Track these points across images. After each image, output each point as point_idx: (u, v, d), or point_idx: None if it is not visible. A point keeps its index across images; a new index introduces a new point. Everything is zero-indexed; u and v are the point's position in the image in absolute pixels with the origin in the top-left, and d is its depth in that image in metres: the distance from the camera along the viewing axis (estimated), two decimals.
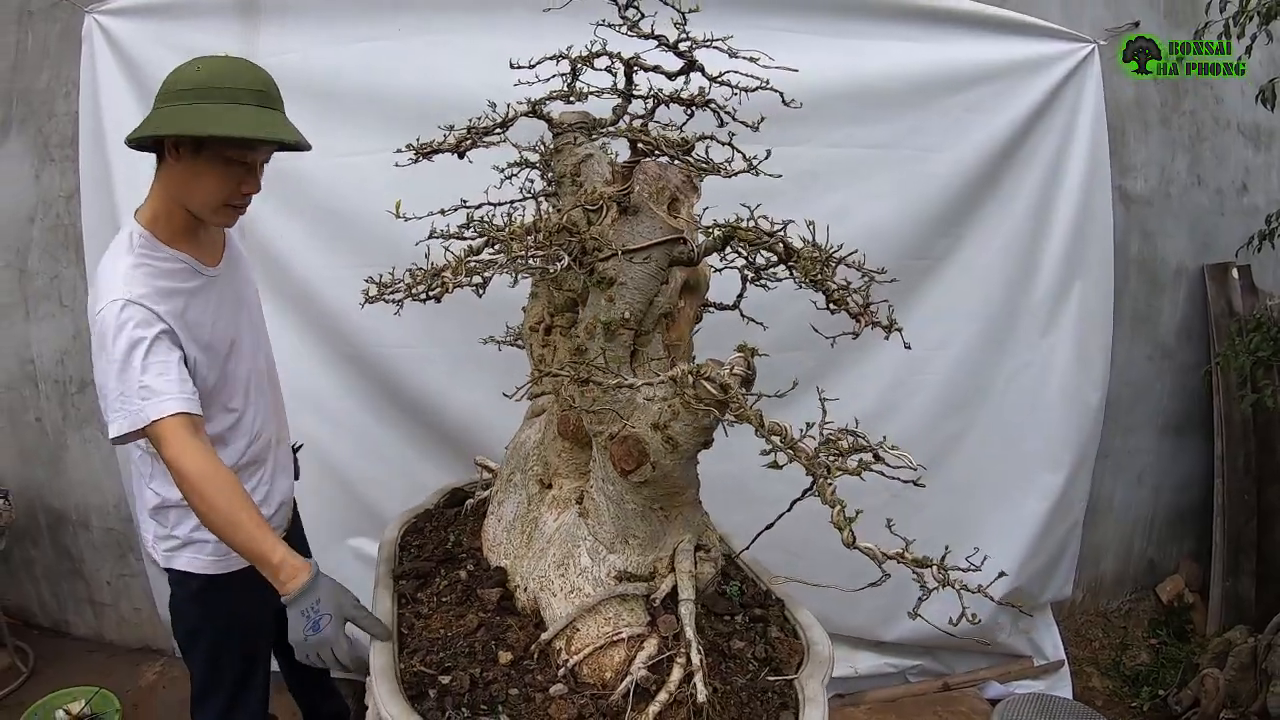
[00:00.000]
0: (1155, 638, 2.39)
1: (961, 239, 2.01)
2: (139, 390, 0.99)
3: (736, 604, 1.07)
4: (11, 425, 2.07)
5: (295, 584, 0.95)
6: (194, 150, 1.04)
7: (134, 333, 1.00)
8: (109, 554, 2.11)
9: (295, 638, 0.95)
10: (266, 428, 1.27)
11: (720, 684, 0.92)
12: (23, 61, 1.91)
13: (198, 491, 0.98)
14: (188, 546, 1.21)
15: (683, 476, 0.90)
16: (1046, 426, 2.09)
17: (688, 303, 0.91)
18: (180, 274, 1.11)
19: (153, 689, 2.02)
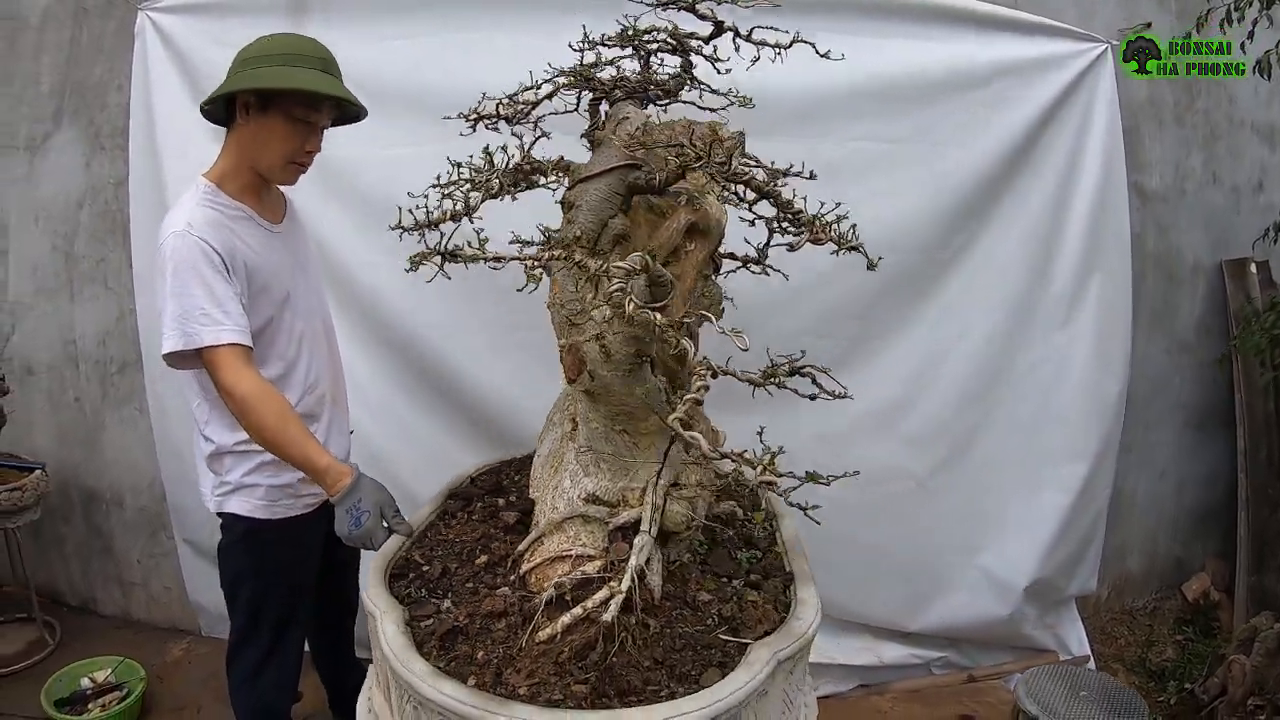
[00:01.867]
0: (1181, 634, 2.38)
1: (980, 232, 2.06)
2: (199, 315, 1.08)
3: (741, 569, 1.06)
4: (51, 405, 2.14)
5: (341, 485, 1.08)
6: (262, 110, 1.14)
7: (195, 262, 1.09)
8: (140, 532, 2.16)
9: (340, 530, 1.08)
10: (321, 383, 1.34)
11: (659, 625, 0.90)
12: (77, 56, 2.03)
13: (250, 409, 1.08)
14: (239, 491, 1.27)
15: (627, 392, 0.90)
16: (1067, 417, 2.11)
17: (697, 245, 0.95)
18: (243, 223, 1.20)
19: (179, 664, 2.05)
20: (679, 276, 0.94)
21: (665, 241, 0.93)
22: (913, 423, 2.02)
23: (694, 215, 0.93)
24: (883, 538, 2.01)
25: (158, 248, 1.14)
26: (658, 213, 0.94)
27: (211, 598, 2.11)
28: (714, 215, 0.96)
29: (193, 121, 1.83)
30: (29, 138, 2.08)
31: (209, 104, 1.20)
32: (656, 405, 0.90)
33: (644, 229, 0.94)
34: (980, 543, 2.09)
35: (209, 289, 1.09)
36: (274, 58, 1.13)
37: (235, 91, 1.14)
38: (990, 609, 2.09)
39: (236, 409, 1.10)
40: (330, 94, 1.14)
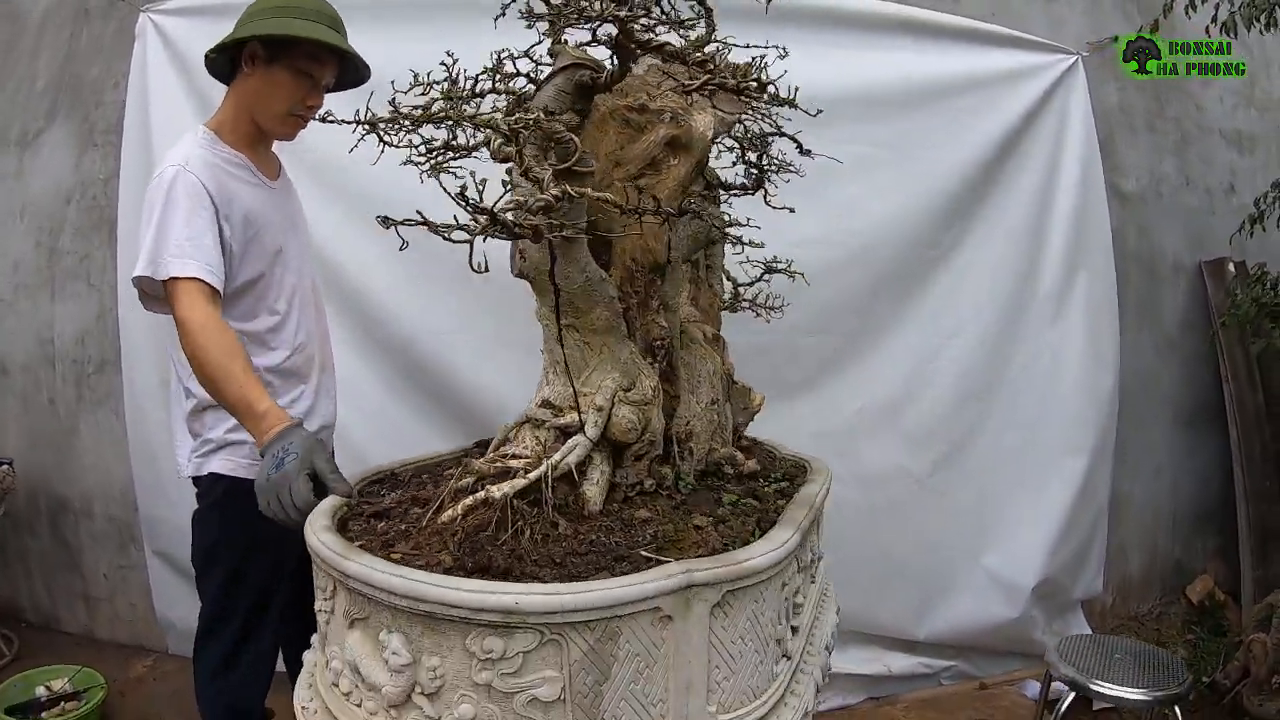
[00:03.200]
0: (1191, 634, 2.35)
1: (967, 231, 2.13)
2: (172, 245, 1.08)
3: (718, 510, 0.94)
4: (24, 407, 2.08)
5: (274, 430, 1.00)
6: (268, 61, 1.17)
7: (181, 197, 1.10)
8: (110, 544, 2.07)
9: (259, 481, 0.97)
10: (310, 343, 1.32)
11: (572, 530, 0.80)
12: (75, 54, 2.06)
13: (196, 341, 1.05)
14: (222, 449, 1.24)
15: (561, 276, 0.86)
16: (1064, 412, 2.14)
17: (680, 160, 0.95)
18: (239, 170, 1.21)
19: (142, 681, 1.94)
20: (656, 186, 0.93)
21: (640, 154, 0.93)
22: (911, 420, 2.03)
23: (676, 130, 0.94)
24: (886, 541, 1.99)
25: (152, 179, 1.14)
26: (635, 127, 0.95)
27: (181, 613, 2.02)
28: (698, 130, 0.95)
29: (188, 120, 1.88)
30: (21, 134, 2.09)
31: (215, 53, 1.22)
32: (599, 296, 0.87)
33: (613, 139, 0.93)
34: (985, 543, 2.07)
35: (189, 226, 1.10)
36: (283, 9, 1.16)
37: (244, 39, 1.17)
38: (999, 612, 2.06)
39: (185, 339, 1.07)
40: (337, 46, 1.18)
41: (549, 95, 0.87)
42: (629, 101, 0.98)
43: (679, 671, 0.73)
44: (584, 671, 0.69)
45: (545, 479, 0.80)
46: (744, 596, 0.76)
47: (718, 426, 1.09)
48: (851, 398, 1.97)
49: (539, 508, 0.80)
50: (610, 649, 0.69)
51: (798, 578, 0.94)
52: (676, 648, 0.72)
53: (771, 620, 0.82)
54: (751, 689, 0.80)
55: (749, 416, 1.29)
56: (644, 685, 0.72)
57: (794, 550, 0.85)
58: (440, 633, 0.69)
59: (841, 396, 1.97)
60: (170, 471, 1.89)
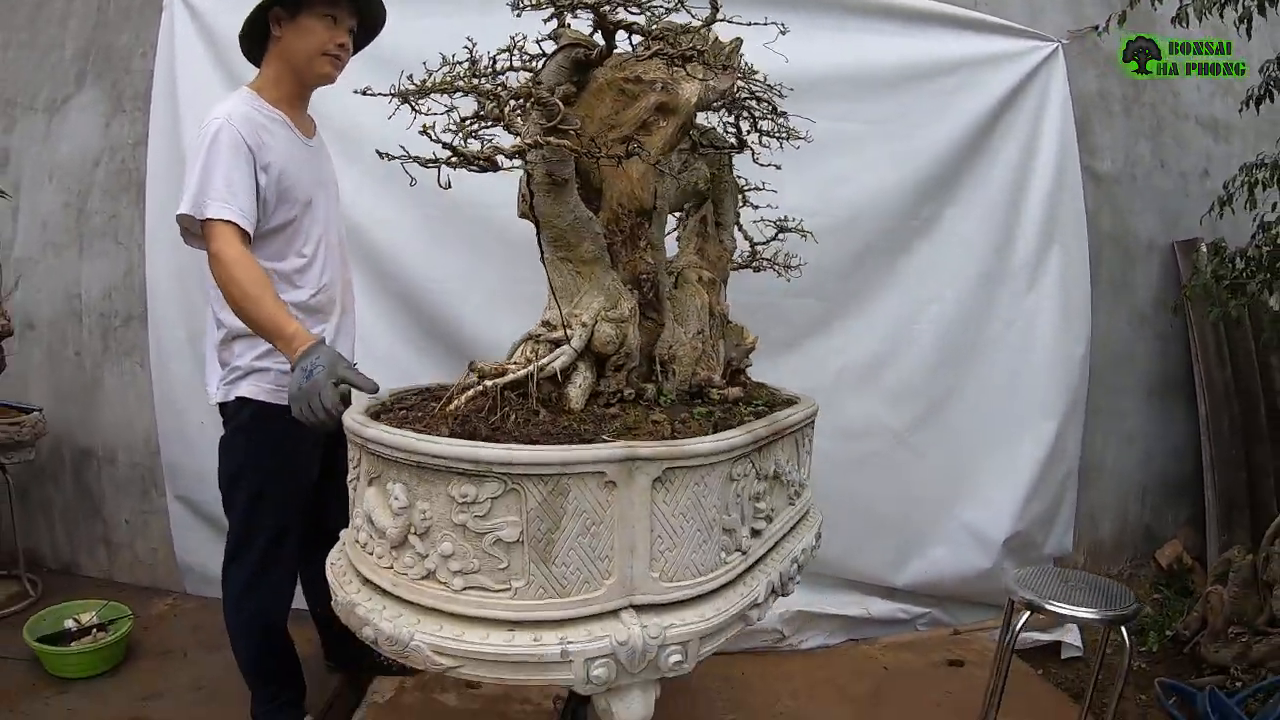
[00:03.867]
0: (1158, 594, 2.51)
1: (947, 204, 2.28)
2: (213, 190, 1.25)
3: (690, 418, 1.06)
4: (50, 361, 2.21)
5: (303, 347, 1.15)
6: (292, 17, 1.34)
7: (224, 147, 1.27)
8: (132, 490, 2.21)
9: (292, 390, 1.12)
10: (333, 286, 1.47)
11: (550, 418, 0.94)
12: (104, 22, 2.20)
13: (229, 273, 1.22)
14: (250, 375, 1.39)
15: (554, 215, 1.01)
16: (1036, 377, 2.29)
17: (668, 122, 1.09)
18: (278, 126, 1.38)
19: (164, 617, 2.08)
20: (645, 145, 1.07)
21: (633, 118, 1.08)
22: (891, 380, 2.19)
23: (665, 97, 1.09)
24: (866, 492, 2.14)
25: (200, 129, 1.31)
26: (630, 95, 1.10)
27: (200, 557, 2.16)
28: (684, 96, 1.10)
29: (214, 88, 2.02)
30: (49, 100, 2.22)
31: (247, 30, 1.39)
32: (586, 232, 1.03)
33: (609, 105, 1.09)
34: (959, 497, 2.23)
35: (228, 174, 1.26)
36: None
37: (267, 6, 1.34)
38: (972, 562, 2.21)
39: (219, 272, 1.23)
40: None
41: (551, 70, 1.04)
42: (625, 74, 1.14)
43: (623, 533, 0.86)
44: (539, 519, 0.82)
45: (531, 376, 0.96)
46: (685, 477, 0.87)
47: (702, 354, 1.23)
48: (835, 357, 2.13)
49: (526, 400, 0.95)
50: (560, 503, 0.83)
51: (758, 483, 1.05)
52: (621, 512, 0.85)
53: (716, 508, 0.93)
54: (695, 565, 0.91)
55: (743, 353, 1.43)
56: (591, 540, 0.85)
57: (741, 448, 0.95)
58: (429, 481, 0.84)
59: (825, 356, 2.12)
60: (193, 419, 2.04)
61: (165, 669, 1.84)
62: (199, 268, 1.97)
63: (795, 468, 1.25)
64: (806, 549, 1.24)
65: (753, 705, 1.81)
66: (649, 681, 0.90)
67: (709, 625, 0.90)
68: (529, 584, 0.84)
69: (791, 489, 1.23)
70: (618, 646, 0.84)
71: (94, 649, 1.81)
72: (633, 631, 0.85)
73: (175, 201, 2.04)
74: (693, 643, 0.89)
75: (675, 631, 0.87)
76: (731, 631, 0.97)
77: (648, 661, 0.86)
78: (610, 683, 0.86)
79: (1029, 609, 1.50)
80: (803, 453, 1.30)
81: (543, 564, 0.84)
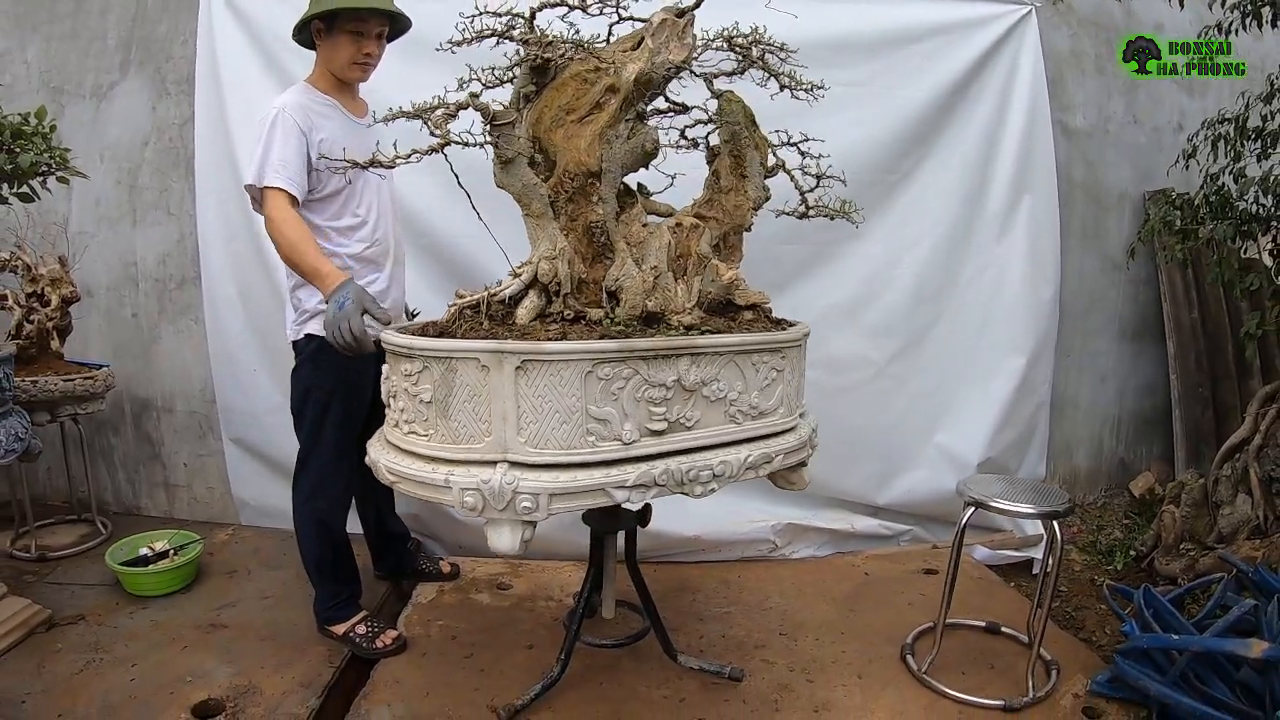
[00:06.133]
0: (1128, 520, 2.85)
1: (925, 158, 2.60)
2: (270, 162, 1.63)
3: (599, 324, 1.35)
4: (109, 322, 2.58)
5: (335, 284, 1.52)
6: (328, 31, 1.70)
7: (281, 130, 1.64)
8: (190, 435, 2.58)
9: (327, 317, 1.49)
10: (385, 239, 1.83)
11: (491, 328, 1.30)
12: (142, 15, 2.53)
13: (279, 229, 1.60)
14: (315, 316, 1.75)
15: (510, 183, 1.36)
16: (1007, 317, 2.62)
17: (613, 99, 1.42)
18: (329, 110, 1.74)
19: (226, 544, 2.46)
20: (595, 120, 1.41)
21: (588, 101, 1.43)
22: (872, 317, 2.53)
23: (612, 79, 1.42)
24: (851, 419, 2.49)
25: (260, 117, 1.68)
26: (590, 82, 1.44)
27: (253, 491, 2.54)
28: (625, 76, 1.42)
29: (254, 72, 2.36)
30: (95, 86, 2.56)
31: (299, 32, 1.75)
32: (532, 195, 1.37)
33: (570, 93, 1.44)
34: (936, 424, 2.58)
35: (282, 151, 1.62)
36: None
37: (307, 20, 1.70)
38: (948, 483, 2.54)
39: (270, 229, 1.61)
40: (371, 7, 1.66)
41: (521, 75, 1.44)
42: (588, 66, 1.48)
43: (496, 404, 1.17)
44: (440, 388, 1.22)
45: (483, 300, 1.36)
46: (540, 369, 1.16)
47: (653, 287, 1.44)
48: (820, 296, 2.47)
49: (480, 315, 1.35)
50: (452, 378, 1.20)
51: (652, 390, 1.26)
52: (493, 388, 1.17)
53: (575, 395, 1.18)
54: (559, 440, 1.18)
55: (721, 288, 1.72)
56: (474, 405, 1.19)
57: (592, 353, 1.19)
58: (395, 361, 1.30)
59: (812, 295, 2.45)
60: (245, 365, 2.42)
61: (233, 584, 2.21)
62: (246, 232, 2.35)
63: (740, 390, 1.40)
64: (734, 463, 1.37)
65: (746, 602, 2.17)
66: (515, 521, 1.19)
67: (559, 486, 1.17)
68: (437, 432, 1.23)
69: (733, 408, 1.40)
70: (482, 484, 1.17)
71: (171, 568, 2.17)
72: (495, 476, 1.17)
73: (223, 173, 2.41)
74: (542, 496, 1.16)
75: (526, 484, 1.17)
76: (589, 500, 1.20)
77: (506, 502, 1.16)
78: (478, 509, 1.18)
79: (975, 505, 1.84)
80: (757, 378, 1.42)
81: (444, 419, 1.22)
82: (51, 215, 2.52)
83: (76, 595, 2.13)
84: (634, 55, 1.48)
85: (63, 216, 2.59)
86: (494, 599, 2.15)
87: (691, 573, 2.33)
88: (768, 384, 1.46)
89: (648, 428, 1.28)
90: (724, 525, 2.39)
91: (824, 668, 1.86)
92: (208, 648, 1.87)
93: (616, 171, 1.53)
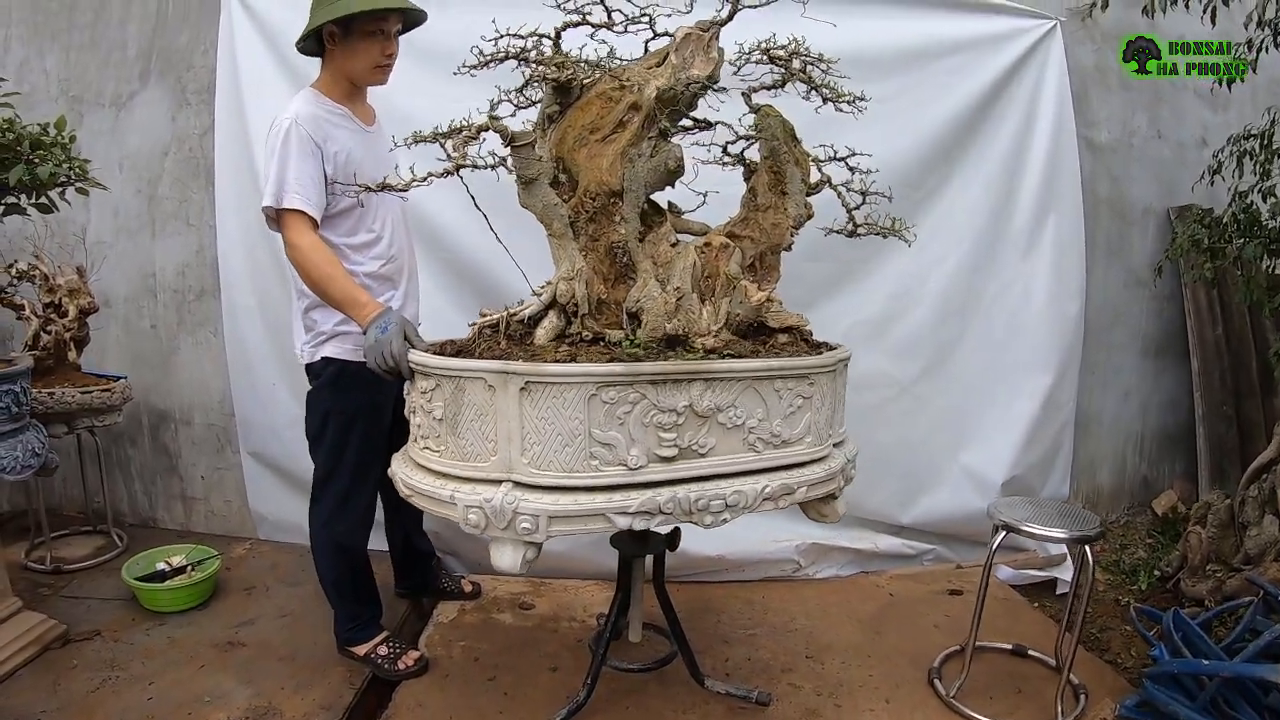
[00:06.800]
0: (1151, 539, 2.83)
1: (950, 175, 2.58)
2: (287, 181, 1.56)
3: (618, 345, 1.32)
4: (127, 333, 2.57)
5: (375, 313, 1.48)
6: (344, 33, 1.62)
7: (294, 144, 1.57)
8: (207, 448, 2.57)
9: (367, 344, 1.45)
10: (400, 255, 1.79)
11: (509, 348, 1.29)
12: (163, 24, 2.52)
13: (304, 255, 1.54)
14: (333, 339, 1.71)
15: (532, 203, 1.35)
16: (1032, 334, 2.60)
17: (635, 118, 1.41)
18: (340, 119, 1.67)
19: (243, 559, 2.44)
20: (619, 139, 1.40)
21: (612, 119, 1.42)
22: (897, 335, 2.51)
23: (635, 97, 1.41)
24: (875, 436, 2.46)
25: (271, 129, 1.60)
26: (614, 100, 1.42)
27: (271, 506, 2.53)
28: (646, 94, 1.41)
29: (275, 82, 2.35)
30: (115, 96, 2.55)
31: (303, 40, 1.67)
32: (553, 216, 1.36)
33: (594, 112, 1.43)
34: (960, 443, 2.56)
35: (299, 170, 1.55)
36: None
37: (320, 25, 1.59)
38: (972, 503, 2.53)
39: (294, 257, 1.55)
40: (391, 8, 1.60)
41: (546, 93, 1.44)
42: (613, 84, 1.47)
43: (502, 424, 1.18)
44: (451, 405, 1.24)
45: (503, 320, 1.36)
46: (544, 390, 1.15)
47: (675, 308, 1.38)
48: (846, 314, 2.45)
49: (498, 335, 1.35)
50: (460, 397, 1.22)
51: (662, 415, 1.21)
52: (499, 408, 1.17)
53: (578, 418, 1.16)
54: (561, 463, 1.16)
55: (750, 310, 1.60)
56: (481, 425, 1.20)
57: (595, 377, 1.16)
58: (416, 377, 1.32)
59: (838, 313, 2.44)
60: (264, 379, 2.40)
61: (251, 601, 2.20)
62: (266, 243, 2.34)
63: (760, 418, 1.33)
64: (749, 494, 1.31)
65: (771, 623, 2.16)
66: (517, 541, 1.19)
67: (559, 509, 1.16)
68: (447, 449, 1.25)
69: (751, 436, 1.33)
70: (485, 503, 1.18)
71: (188, 584, 2.16)
72: (497, 495, 1.18)
73: (243, 184, 2.39)
74: (542, 518, 1.16)
75: (526, 505, 1.16)
76: (590, 524, 1.18)
77: (507, 521, 1.17)
78: (481, 527, 1.18)
79: (1005, 529, 1.82)
80: (780, 405, 1.35)
81: (453, 436, 1.23)
82: (70, 225, 2.52)
83: (92, 610, 2.12)
84: (657, 72, 1.47)
85: (81, 227, 2.58)
86: (516, 619, 2.13)
87: (716, 593, 2.31)
88: (792, 411, 1.39)
89: (656, 453, 1.24)
90: (748, 545, 2.37)
91: (851, 692, 1.84)
92: (226, 667, 1.85)
93: (639, 190, 1.50)
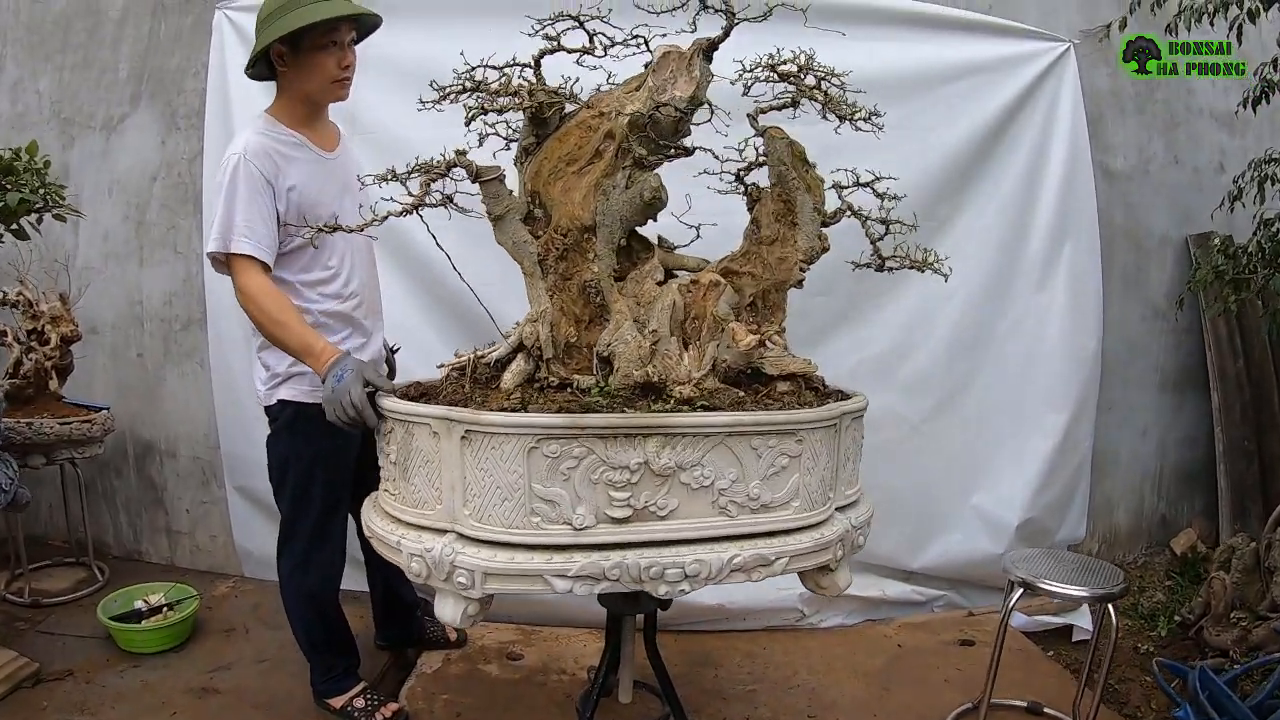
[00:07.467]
0: (1170, 581, 2.71)
1: (961, 205, 2.49)
2: (235, 225, 1.45)
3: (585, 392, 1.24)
4: (114, 362, 2.50)
5: (330, 360, 1.35)
6: (294, 53, 1.50)
7: (243, 183, 1.46)
8: (192, 481, 2.50)
9: (325, 396, 1.28)
10: (361, 293, 1.67)
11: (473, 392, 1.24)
12: (155, 47, 2.47)
13: (255, 301, 1.44)
14: (289, 380, 1.60)
15: (503, 239, 1.31)
16: (1048, 371, 2.50)
17: (609, 146, 1.34)
18: (294, 149, 1.55)
19: (225, 598, 2.36)
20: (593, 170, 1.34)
21: (589, 150, 1.34)
22: (906, 372, 2.41)
23: (610, 125, 1.34)
24: (883, 478, 2.35)
25: (221, 164, 1.51)
26: (592, 129, 1.35)
27: (257, 542, 2.44)
28: (618, 123, 1.33)
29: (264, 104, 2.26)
30: (106, 119, 2.50)
31: (251, 67, 1.56)
32: (523, 253, 1.30)
33: (572, 142, 1.36)
34: (973, 485, 2.45)
35: (247, 211, 1.44)
36: (285, 6, 1.45)
37: (267, 48, 1.48)
38: (985, 547, 2.42)
39: (244, 302, 1.44)
40: (341, 15, 1.46)
41: (523, 124, 1.36)
42: (593, 112, 1.39)
43: (446, 473, 1.13)
44: (402, 450, 1.21)
45: (469, 364, 1.29)
46: (484, 440, 1.10)
47: (650, 353, 1.28)
48: (852, 351, 2.35)
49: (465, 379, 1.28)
50: (410, 442, 1.18)
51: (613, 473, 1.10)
52: (443, 456, 1.13)
53: (517, 472, 1.09)
54: (500, 517, 1.11)
55: (738, 356, 1.42)
56: (428, 471, 1.16)
57: (534, 428, 1.09)
58: (390, 424, 1.24)
59: (844, 350, 2.34)
60: (251, 412, 2.32)
61: (229, 644, 2.11)
62: None
63: (733, 479, 1.18)
64: (712, 563, 1.16)
65: (772, 678, 2.05)
66: (459, 596, 1.13)
67: (495, 566, 1.11)
68: (400, 494, 1.22)
69: (722, 499, 1.19)
70: (425, 551, 1.13)
71: (164, 625, 2.07)
72: (438, 546, 1.13)
73: None
74: (477, 574, 1.11)
75: (464, 559, 1.11)
76: (526, 585, 1.12)
77: (445, 573, 1.12)
78: (424, 576, 1.15)
79: (1023, 587, 1.72)
80: (759, 464, 1.19)
81: (405, 481, 1.20)
82: (57, 250, 2.46)
83: (68, 647, 2.05)
84: (635, 96, 1.39)
85: (68, 252, 2.52)
86: (503, 670, 2.04)
87: (714, 643, 2.21)
88: (774, 472, 1.22)
89: (607, 514, 1.14)
90: (749, 593, 2.26)
91: None
92: (199, 716, 1.77)
93: (614, 225, 1.39)
